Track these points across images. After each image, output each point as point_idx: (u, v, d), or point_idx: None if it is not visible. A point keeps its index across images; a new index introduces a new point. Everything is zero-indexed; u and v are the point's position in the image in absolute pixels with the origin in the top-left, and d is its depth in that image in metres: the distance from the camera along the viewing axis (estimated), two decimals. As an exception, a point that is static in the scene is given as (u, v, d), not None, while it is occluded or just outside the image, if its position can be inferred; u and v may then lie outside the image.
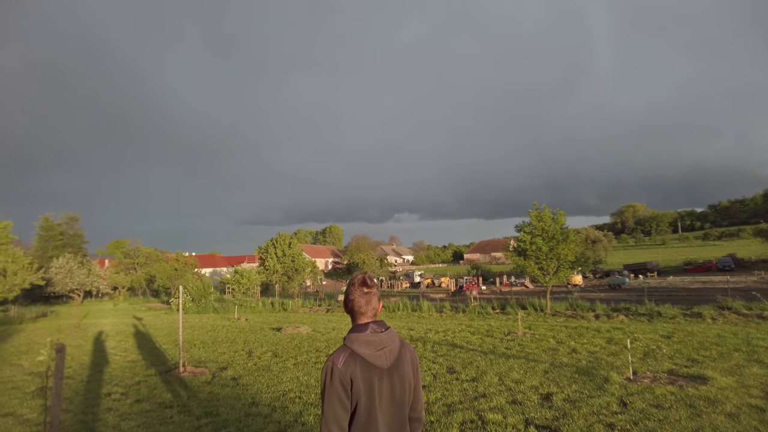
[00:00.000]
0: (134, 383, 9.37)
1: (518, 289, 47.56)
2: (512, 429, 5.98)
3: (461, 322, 19.05)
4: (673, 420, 6.09)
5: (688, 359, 9.88)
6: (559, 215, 21.24)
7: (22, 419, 7.09)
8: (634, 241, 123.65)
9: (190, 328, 19.52)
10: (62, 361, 2.93)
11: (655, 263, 60.73)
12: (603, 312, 20.07)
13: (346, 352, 2.25)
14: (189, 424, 6.59)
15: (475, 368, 9.73)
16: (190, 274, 46.53)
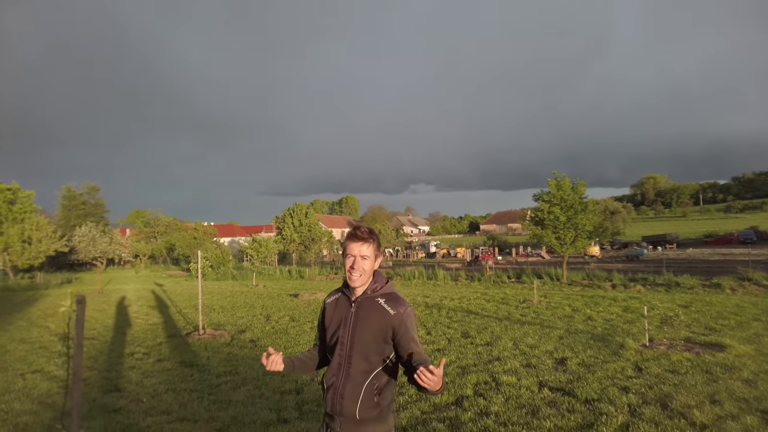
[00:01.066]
0: (156, 344, 9.63)
1: (534, 259, 47.38)
2: (526, 390, 6.03)
3: (476, 291, 19.11)
4: (688, 385, 6.07)
5: (706, 328, 9.80)
6: (579, 185, 20.93)
7: (49, 375, 7.37)
8: (653, 213, 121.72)
9: (210, 294, 19.92)
10: (83, 312, 2.99)
11: (675, 235, 59.79)
12: (620, 282, 19.94)
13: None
14: (209, 382, 6.78)
15: (490, 333, 9.78)
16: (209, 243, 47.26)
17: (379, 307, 2.35)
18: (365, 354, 2.30)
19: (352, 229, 2.42)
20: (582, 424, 4.87)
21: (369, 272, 2.39)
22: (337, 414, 2.30)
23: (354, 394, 2.28)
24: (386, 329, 2.30)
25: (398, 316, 2.31)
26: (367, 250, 2.37)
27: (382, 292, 2.41)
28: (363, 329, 2.32)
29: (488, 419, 5.06)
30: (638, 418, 5.00)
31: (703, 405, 5.31)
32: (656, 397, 5.67)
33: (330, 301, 2.51)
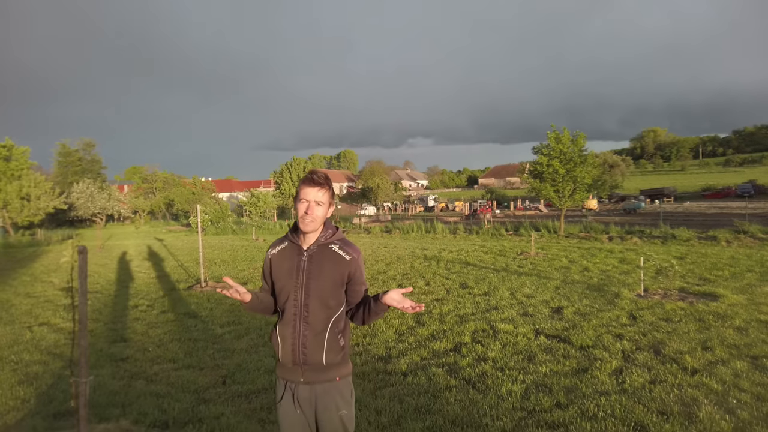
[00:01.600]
0: (159, 297, 9.78)
1: (532, 213, 47.61)
2: (523, 338, 6.18)
3: (474, 243, 19.28)
4: (681, 332, 6.22)
5: (700, 278, 9.95)
6: (579, 137, 20.73)
7: (55, 328, 7.51)
8: (652, 166, 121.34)
9: (210, 248, 20.07)
10: (85, 261, 3.01)
11: (673, 189, 59.82)
12: (617, 234, 20.10)
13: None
14: (212, 332, 6.92)
15: (488, 284, 9.94)
16: (207, 198, 47.24)
17: (333, 253, 2.33)
18: (324, 301, 2.29)
19: (308, 173, 2.33)
20: (577, 369, 5.02)
21: (322, 218, 2.32)
22: (300, 364, 2.28)
23: (317, 341, 2.27)
24: (343, 274, 2.31)
25: (354, 261, 2.34)
26: (323, 196, 2.29)
27: (335, 238, 2.38)
28: (320, 277, 2.29)
29: (486, 364, 5.21)
30: (631, 363, 5.16)
31: (695, 351, 5.46)
32: (649, 343, 5.82)
33: (276, 252, 2.41)
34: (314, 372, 2.28)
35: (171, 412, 4.18)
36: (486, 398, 4.33)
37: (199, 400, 4.47)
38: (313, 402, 2.29)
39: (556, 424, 3.82)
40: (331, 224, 2.42)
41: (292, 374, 2.31)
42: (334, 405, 2.30)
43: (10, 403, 4.56)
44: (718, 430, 3.64)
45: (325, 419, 2.30)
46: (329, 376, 2.30)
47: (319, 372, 2.28)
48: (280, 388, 2.36)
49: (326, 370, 2.29)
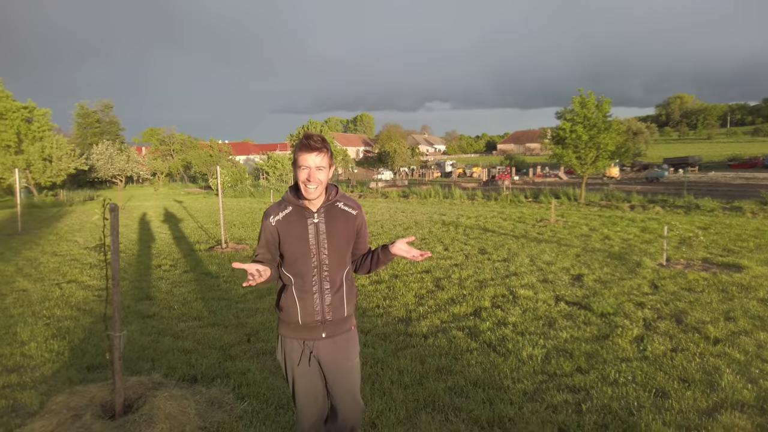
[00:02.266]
0: (181, 257, 9.97)
1: (552, 180, 47.03)
2: (543, 304, 6.19)
3: (493, 209, 19.19)
4: (704, 302, 6.16)
5: (724, 249, 9.80)
6: (604, 102, 20.18)
7: (83, 285, 7.73)
8: (678, 134, 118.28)
9: (229, 211, 20.29)
10: (116, 219, 3.06)
11: (698, 158, 58.34)
12: (639, 203, 19.80)
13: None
14: (235, 292, 7.06)
15: (507, 250, 9.92)
16: (224, 161, 47.47)
17: (342, 211, 2.39)
18: (341, 258, 2.37)
19: (304, 138, 2.26)
20: (597, 336, 5.03)
21: (325, 183, 2.30)
22: (324, 322, 2.35)
23: (339, 297, 2.37)
24: (352, 228, 2.41)
25: (360, 215, 2.45)
26: (323, 161, 2.24)
27: (338, 196, 2.42)
28: (336, 235, 2.35)
29: (506, 329, 5.25)
30: (653, 331, 5.14)
31: (717, 321, 5.42)
32: (671, 312, 5.79)
33: (281, 219, 2.35)
34: (335, 325, 2.39)
35: (199, 367, 4.31)
36: (507, 361, 4.37)
37: (225, 357, 4.60)
38: (332, 355, 2.39)
39: (577, 388, 3.85)
40: (330, 184, 2.43)
41: (312, 333, 2.36)
42: (353, 353, 2.46)
43: (46, 355, 4.74)
44: (740, 398, 3.64)
45: (345, 369, 2.42)
46: (347, 327, 2.45)
47: (340, 324, 2.40)
48: (295, 349, 2.38)
49: (345, 322, 2.43)
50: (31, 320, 5.86)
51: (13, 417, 3.54)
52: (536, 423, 3.32)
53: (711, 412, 3.46)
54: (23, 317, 5.99)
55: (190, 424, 3.20)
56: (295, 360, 2.38)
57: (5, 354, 4.79)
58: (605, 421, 3.34)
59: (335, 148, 49.13)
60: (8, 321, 5.85)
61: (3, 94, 27.47)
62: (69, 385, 4.01)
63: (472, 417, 3.41)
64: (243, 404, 3.61)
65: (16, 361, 4.61)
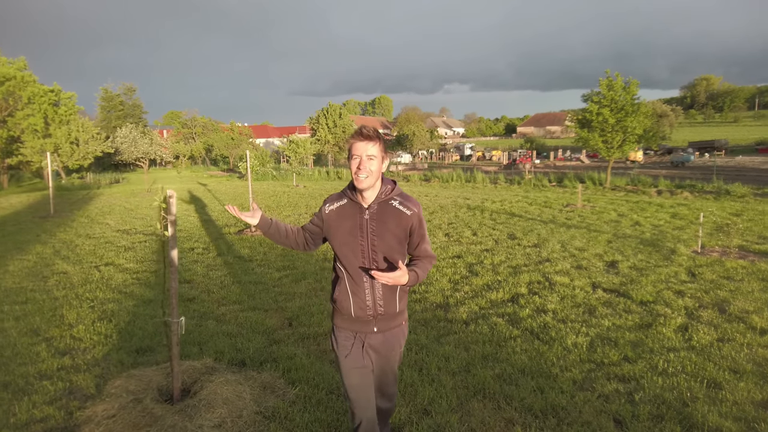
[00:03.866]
0: (212, 240, 10.10)
1: (573, 163, 46.31)
2: (580, 291, 6.14)
3: (516, 194, 19.02)
4: (745, 291, 6.05)
5: (759, 237, 9.58)
6: (632, 85, 19.72)
7: (121, 268, 7.89)
8: (703, 117, 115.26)
9: (253, 194, 20.43)
10: (173, 206, 3.10)
11: (724, 141, 56.78)
12: (666, 188, 19.43)
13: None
14: (270, 275, 7.14)
15: (536, 235, 9.84)
16: (245, 144, 47.73)
17: (395, 209, 2.36)
18: (390, 256, 2.36)
19: (358, 128, 2.32)
20: (640, 324, 4.98)
21: (376, 174, 2.30)
22: (375, 315, 2.42)
23: (391, 293, 2.41)
24: (405, 229, 2.36)
25: (415, 216, 2.37)
26: (374, 150, 2.27)
27: (394, 194, 2.40)
28: (385, 234, 2.34)
29: (546, 316, 5.23)
30: (696, 320, 5.08)
31: (761, 311, 5.32)
32: (712, 301, 5.70)
33: (334, 209, 2.43)
34: (387, 321, 2.45)
35: (246, 352, 4.38)
36: (552, 349, 4.36)
37: (270, 341, 4.67)
38: (384, 347, 2.48)
39: (627, 377, 3.84)
40: (388, 179, 2.43)
41: (364, 326, 2.44)
42: (398, 345, 2.55)
43: (94, 338, 4.87)
44: (796, 390, 3.58)
45: (392, 360, 2.55)
46: (399, 322, 2.51)
47: (391, 320, 2.46)
48: (347, 340, 2.46)
49: (397, 317, 2.49)
50: (75, 303, 6.01)
51: (71, 399, 3.65)
52: (590, 412, 3.32)
53: (767, 405, 3.41)
54: (68, 299, 6.15)
55: (247, 408, 3.26)
56: (346, 351, 2.45)
57: (56, 336, 4.93)
58: (659, 411, 3.33)
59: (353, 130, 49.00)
60: (53, 303, 6.01)
61: (30, 78, 27.86)
62: (121, 368, 4.12)
63: (524, 405, 3.42)
64: (295, 389, 3.67)
65: (66, 344, 4.75)
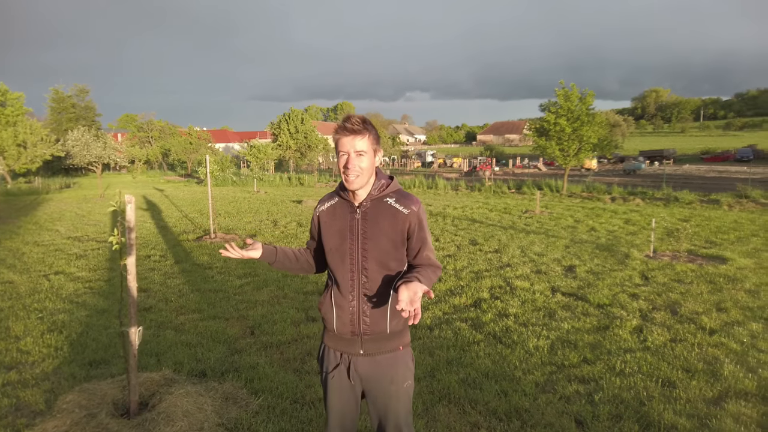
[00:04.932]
0: (170, 247, 9.80)
1: (531, 171, 47.51)
2: (540, 295, 6.28)
3: (477, 200, 19.32)
4: (695, 293, 6.33)
5: (707, 241, 10.06)
6: (588, 95, 20.44)
7: (73, 277, 7.53)
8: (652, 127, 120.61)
9: (213, 199, 19.98)
10: (132, 211, 2.98)
11: (672, 151, 59.60)
12: (619, 195, 20.16)
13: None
14: (231, 283, 6.98)
15: (497, 241, 10.02)
16: (204, 148, 46.70)
17: (389, 207, 2.04)
18: (384, 263, 2.03)
19: (342, 120, 2.00)
20: (598, 326, 5.13)
21: (368, 171, 2.01)
22: (360, 335, 2.06)
23: (379, 309, 2.04)
24: (402, 231, 2.02)
25: (413, 215, 2.03)
26: (363, 144, 1.97)
27: (389, 190, 2.08)
28: (377, 237, 2.02)
29: (508, 320, 5.31)
30: (650, 322, 5.27)
31: (710, 312, 5.58)
32: (665, 303, 5.93)
33: (325, 210, 2.15)
34: (376, 342, 2.07)
35: (207, 362, 4.26)
36: (514, 352, 4.43)
37: (231, 351, 4.56)
38: (375, 375, 2.08)
39: (587, 378, 3.93)
40: (383, 174, 2.12)
41: (349, 346, 2.09)
42: (399, 376, 2.09)
43: (43, 351, 4.62)
44: (743, 387, 3.76)
45: (392, 392, 2.10)
46: (392, 346, 2.09)
47: (382, 342, 2.07)
48: (332, 359, 2.14)
49: (389, 339, 2.08)
50: (22, 314, 5.70)
51: (19, 417, 3.45)
52: (552, 414, 3.38)
53: (717, 401, 3.57)
54: (13, 311, 5.83)
55: (208, 420, 3.17)
56: (329, 368, 2.15)
57: (0, 350, 4.66)
58: (618, 411, 3.43)
59: (317, 137, 48.70)
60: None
61: (-27, 78, 26.43)
62: (73, 382, 3.92)
63: (489, 409, 3.45)
64: (258, 399, 3.59)
65: (13, 358, 4.49)
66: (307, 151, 46.95)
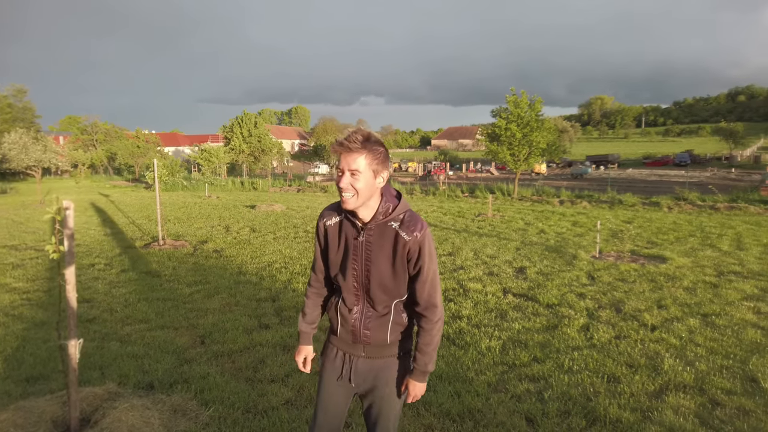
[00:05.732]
0: (115, 255, 9.41)
1: (484, 175, 48.54)
2: (492, 296, 6.41)
3: (432, 204, 19.56)
4: (637, 292, 6.63)
5: (648, 242, 10.55)
6: (536, 102, 21.11)
7: (8, 288, 7.10)
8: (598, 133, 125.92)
9: (162, 205, 19.33)
10: (72, 218, 2.85)
11: (616, 155, 62.36)
12: (567, 198, 20.89)
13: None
14: (180, 291, 6.76)
15: (451, 244, 10.16)
16: (153, 152, 45.14)
17: (393, 232, 1.99)
18: (385, 287, 2.02)
19: (344, 133, 1.93)
20: (547, 326, 5.28)
21: (365, 192, 1.92)
22: (363, 341, 2.10)
23: (381, 324, 2.07)
24: (403, 257, 1.98)
25: (414, 242, 1.96)
26: (359, 163, 1.88)
27: (396, 213, 2.01)
28: (379, 261, 2.00)
29: (461, 322, 5.39)
30: (596, 320, 5.47)
31: (651, 309, 5.85)
32: (610, 302, 6.18)
33: (331, 224, 2.10)
34: (377, 348, 2.10)
35: (154, 373, 4.09)
36: (467, 354, 4.50)
37: (180, 361, 4.40)
38: (373, 377, 2.12)
39: (536, 377, 4.04)
40: (392, 194, 2.05)
41: (353, 349, 2.13)
42: (394, 382, 2.14)
43: (-26, 365, 4.33)
44: (682, 380, 3.95)
45: (386, 395, 2.14)
46: (392, 352, 2.12)
47: (382, 348, 2.11)
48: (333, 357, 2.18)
49: (389, 347, 2.12)
50: (-49, 328, 5.32)
51: (-55, 437, 3.22)
52: (504, 413, 3.45)
53: (659, 394, 3.74)
54: (-59, 325, 5.43)
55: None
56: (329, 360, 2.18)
57: (-75, 366, 4.33)
58: (567, 407, 3.53)
59: (270, 141, 47.98)
60: (-77, 329, 5.29)
61: None
62: (8, 399, 3.69)
63: (442, 410, 3.48)
64: (208, 410, 3.48)
65: (-61, 374, 4.18)
66: (261, 155, 46.21)
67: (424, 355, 2.04)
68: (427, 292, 2.00)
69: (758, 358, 4.39)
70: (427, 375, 2.08)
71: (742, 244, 10.17)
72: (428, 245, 1.98)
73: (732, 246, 9.94)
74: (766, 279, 7.24)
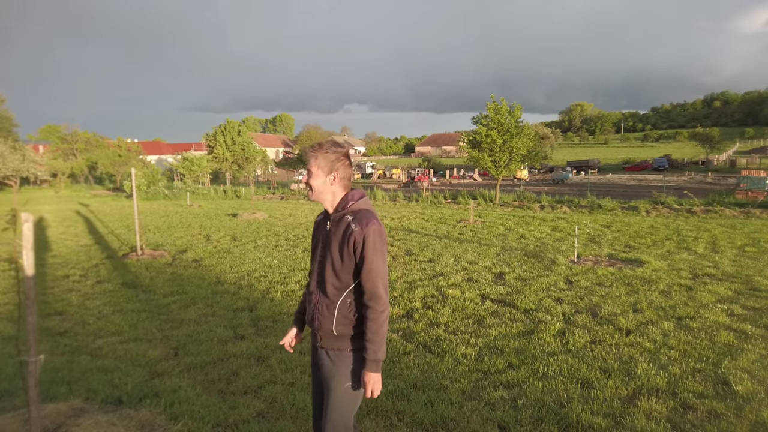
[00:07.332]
0: (92, 266, 9.24)
1: (467, 181, 48.83)
2: (470, 302, 6.41)
3: (414, 210, 19.58)
4: (614, 296, 6.68)
5: (626, 246, 10.67)
6: (516, 109, 21.32)
7: (-23, 299, 6.93)
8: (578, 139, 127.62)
9: (142, 214, 19.01)
10: (30, 231, 2.78)
11: (597, 161, 63.32)
12: (548, 203, 21.07)
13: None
14: (156, 302, 6.65)
15: (432, 251, 10.17)
16: (135, 161, 44.59)
17: (346, 224, 2.26)
18: (336, 272, 2.26)
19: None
20: (524, 331, 5.30)
21: (319, 189, 2.32)
22: (317, 329, 2.35)
23: (329, 310, 2.29)
24: (348, 247, 2.23)
25: (360, 234, 2.20)
26: (312, 165, 2.32)
27: (353, 208, 2.30)
28: (333, 247, 2.28)
29: (438, 329, 5.38)
30: (572, 325, 5.50)
31: (627, 313, 5.90)
32: (586, 306, 6.22)
33: (319, 220, 2.50)
34: (328, 339, 2.33)
35: (123, 388, 4.01)
36: (443, 361, 4.48)
37: (152, 374, 4.32)
38: (324, 368, 2.34)
39: (511, 383, 4.03)
40: (356, 192, 2.37)
41: (315, 338, 2.41)
42: (343, 375, 2.29)
43: (-64, 383, 4.20)
44: (655, 384, 3.98)
45: (332, 386, 2.31)
46: (341, 345, 2.31)
47: (332, 340, 2.32)
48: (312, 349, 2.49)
49: (338, 339, 2.31)
50: None
51: None
52: (477, 421, 3.43)
53: (631, 399, 3.76)
54: None
55: (120, 449, 2.97)
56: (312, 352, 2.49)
57: None
58: (540, 414, 3.53)
59: (254, 149, 47.69)
60: None
61: None
62: (-31, 416, 3.58)
63: (415, 420, 3.46)
64: (177, 425, 3.41)
65: None
66: (245, 163, 45.89)
67: (372, 344, 2.21)
68: (372, 282, 2.22)
69: (730, 360, 4.45)
70: (380, 364, 2.25)
71: (717, 246, 10.34)
72: (373, 239, 2.22)
73: (707, 249, 10.10)
74: (740, 281, 7.36)
